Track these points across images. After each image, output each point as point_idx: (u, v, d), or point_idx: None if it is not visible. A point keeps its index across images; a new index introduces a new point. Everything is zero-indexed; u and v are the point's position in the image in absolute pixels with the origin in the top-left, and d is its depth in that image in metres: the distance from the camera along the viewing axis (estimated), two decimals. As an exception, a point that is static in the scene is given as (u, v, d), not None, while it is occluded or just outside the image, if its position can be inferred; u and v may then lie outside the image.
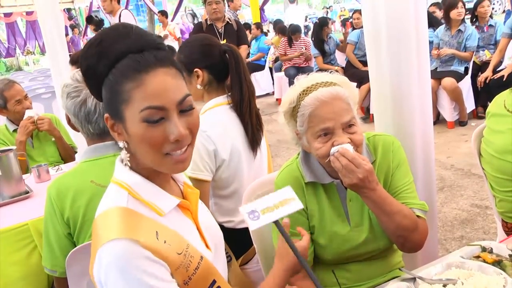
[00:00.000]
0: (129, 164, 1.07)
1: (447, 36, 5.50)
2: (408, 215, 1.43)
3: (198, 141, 1.26)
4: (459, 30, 5.40)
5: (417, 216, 1.46)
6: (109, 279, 0.96)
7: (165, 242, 1.01)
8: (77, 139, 3.28)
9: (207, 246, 1.17)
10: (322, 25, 7.43)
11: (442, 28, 5.58)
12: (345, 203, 1.51)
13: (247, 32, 8.31)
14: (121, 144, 1.05)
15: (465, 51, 5.41)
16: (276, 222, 1.10)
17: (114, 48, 0.98)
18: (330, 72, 1.48)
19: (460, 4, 5.37)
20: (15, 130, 3.08)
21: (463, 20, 5.42)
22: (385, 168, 1.52)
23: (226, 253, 1.95)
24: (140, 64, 0.98)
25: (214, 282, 1.12)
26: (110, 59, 0.98)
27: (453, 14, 5.36)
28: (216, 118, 1.92)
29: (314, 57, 7.51)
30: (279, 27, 9.66)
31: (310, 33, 12.74)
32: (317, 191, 1.52)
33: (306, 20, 19.50)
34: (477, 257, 1.31)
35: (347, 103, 1.41)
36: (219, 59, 1.92)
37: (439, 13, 6.34)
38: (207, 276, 1.10)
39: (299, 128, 1.46)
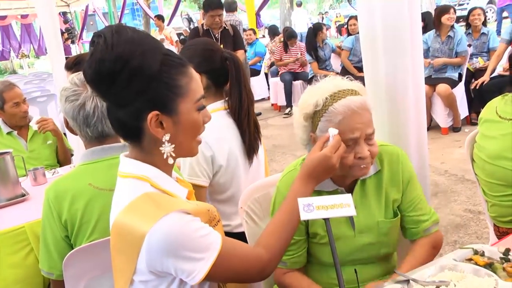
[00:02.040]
0: (173, 155, 1.15)
1: (437, 42, 5.55)
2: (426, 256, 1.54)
3: None
4: (449, 36, 5.46)
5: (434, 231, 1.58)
6: (173, 251, 1.05)
7: (197, 205, 1.18)
8: (72, 142, 3.30)
9: None
10: (316, 30, 7.44)
11: (431, 34, 5.61)
12: None
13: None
14: (166, 137, 1.12)
15: (456, 56, 5.46)
16: (326, 220, 1.16)
17: (154, 47, 1.08)
18: (347, 78, 1.47)
19: (452, 10, 5.45)
20: (9, 133, 3.09)
21: (452, 26, 5.47)
22: (396, 181, 1.55)
23: None
24: (182, 60, 1.13)
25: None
26: (157, 58, 1.07)
27: (444, 19, 5.40)
28: (213, 123, 1.91)
29: (309, 63, 7.53)
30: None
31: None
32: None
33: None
34: (469, 259, 1.33)
35: (371, 114, 1.43)
36: (220, 65, 1.93)
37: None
38: (220, 231, 1.21)
39: (318, 133, 1.44)
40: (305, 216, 1.16)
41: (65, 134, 3.26)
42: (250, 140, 1.98)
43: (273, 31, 10.31)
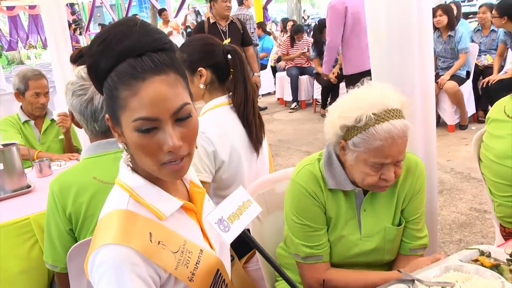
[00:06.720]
0: (130, 165, 1.06)
1: (440, 43, 5.50)
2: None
3: (198, 142, 1.26)
4: (450, 36, 5.40)
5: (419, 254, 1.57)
6: (101, 281, 0.97)
7: (159, 243, 1.02)
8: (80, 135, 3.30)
9: (211, 246, 1.16)
10: (322, 27, 7.32)
11: (434, 34, 5.54)
12: (359, 212, 1.53)
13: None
14: (120, 145, 1.05)
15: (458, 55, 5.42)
16: (244, 231, 1.09)
17: (115, 48, 0.96)
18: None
19: (439, 12, 5.38)
20: (26, 122, 3.12)
21: (451, 25, 5.40)
22: (407, 187, 1.54)
23: None
24: (136, 71, 0.95)
25: (218, 271, 1.14)
26: (111, 60, 0.97)
27: (434, 21, 5.36)
28: (216, 119, 1.91)
29: (311, 59, 7.45)
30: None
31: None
32: (336, 195, 1.52)
33: (308, 19, 19.51)
34: (475, 260, 1.32)
35: (407, 138, 1.39)
36: (223, 59, 1.92)
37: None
38: (211, 268, 1.11)
39: (351, 146, 1.39)
40: (229, 238, 1.06)
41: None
42: (257, 132, 1.97)
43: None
